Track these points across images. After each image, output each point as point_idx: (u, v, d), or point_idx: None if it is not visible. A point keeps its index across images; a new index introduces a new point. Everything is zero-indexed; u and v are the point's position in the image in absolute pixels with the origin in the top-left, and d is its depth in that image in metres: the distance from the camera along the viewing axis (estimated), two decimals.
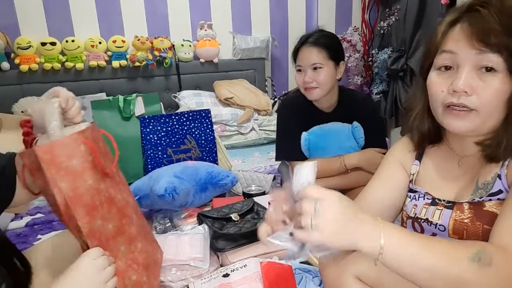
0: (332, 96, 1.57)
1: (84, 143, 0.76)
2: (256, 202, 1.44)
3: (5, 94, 2.48)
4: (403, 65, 2.91)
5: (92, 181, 0.76)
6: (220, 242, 1.24)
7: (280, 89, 3.39)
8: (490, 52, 0.67)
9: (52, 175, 0.71)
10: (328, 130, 1.59)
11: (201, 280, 1.12)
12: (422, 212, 0.82)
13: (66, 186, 0.72)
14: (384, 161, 0.95)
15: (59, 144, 0.73)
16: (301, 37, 1.56)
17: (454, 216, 0.76)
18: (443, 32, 0.74)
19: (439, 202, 0.81)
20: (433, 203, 0.82)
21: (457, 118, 0.72)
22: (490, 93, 0.68)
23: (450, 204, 0.79)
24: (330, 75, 1.49)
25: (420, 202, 0.84)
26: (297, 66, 1.54)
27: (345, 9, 3.43)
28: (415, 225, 0.84)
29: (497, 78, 0.67)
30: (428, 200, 0.83)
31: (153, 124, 1.84)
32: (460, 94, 0.70)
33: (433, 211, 0.80)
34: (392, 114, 3.13)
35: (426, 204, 0.83)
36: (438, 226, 0.78)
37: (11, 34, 2.52)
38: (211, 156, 1.93)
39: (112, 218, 0.80)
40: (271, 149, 2.65)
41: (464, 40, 0.69)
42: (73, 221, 0.73)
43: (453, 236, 0.75)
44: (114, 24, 2.83)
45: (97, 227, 0.76)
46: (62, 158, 0.72)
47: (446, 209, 0.79)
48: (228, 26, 3.14)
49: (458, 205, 0.77)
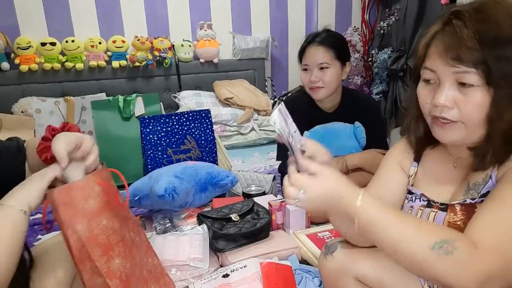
0: (336, 96, 1.57)
1: (99, 184, 0.77)
2: (256, 202, 1.44)
3: (5, 94, 2.48)
4: (403, 65, 2.91)
5: (106, 221, 0.77)
6: (220, 242, 1.24)
7: (280, 89, 3.39)
8: (466, 67, 0.67)
9: (68, 217, 0.72)
10: (330, 129, 1.59)
11: (201, 281, 1.12)
12: (418, 214, 0.83)
13: (82, 228, 0.73)
14: (383, 163, 0.95)
15: (75, 187, 0.74)
16: (308, 36, 1.55)
17: (448, 218, 0.77)
18: (426, 44, 0.75)
19: (434, 205, 0.81)
20: (428, 205, 0.82)
21: (443, 129, 0.73)
22: (471, 106, 0.69)
23: (444, 206, 0.79)
24: (336, 75, 1.49)
25: (416, 204, 0.85)
26: (303, 65, 1.53)
27: (345, 9, 3.43)
28: None
29: (477, 91, 0.68)
30: (423, 202, 0.83)
31: (153, 124, 1.84)
32: (441, 108, 0.71)
33: (428, 214, 0.81)
34: (392, 114, 3.13)
35: (421, 206, 0.83)
36: None
37: (11, 34, 2.52)
38: (211, 156, 1.93)
39: (130, 257, 0.81)
40: (271, 149, 2.65)
41: (440, 58, 0.70)
42: (88, 262, 0.73)
43: None
44: (114, 24, 2.83)
45: (116, 266, 0.77)
46: (78, 201, 0.73)
47: (440, 211, 0.79)
48: (228, 26, 3.15)
49: (451, 207, 0.77)
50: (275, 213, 1.38)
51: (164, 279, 0.95)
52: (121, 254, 0.79)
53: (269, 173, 1.95)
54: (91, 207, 0.75)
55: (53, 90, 2.58)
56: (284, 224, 1.40)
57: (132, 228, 0.89)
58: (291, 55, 3.39)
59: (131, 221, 0.89)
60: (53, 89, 2.58)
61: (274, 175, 1.85)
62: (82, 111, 2.17)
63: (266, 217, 1.33)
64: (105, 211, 0.78)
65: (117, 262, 0.77)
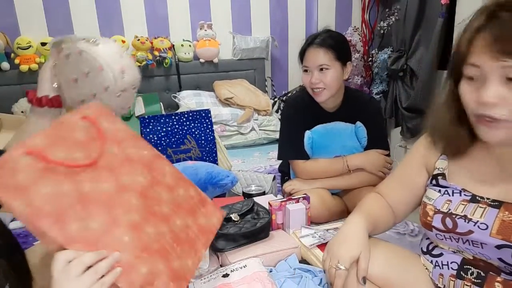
0: (338, 96, 1.57)
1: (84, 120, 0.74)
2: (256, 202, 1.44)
3: (5, 94, 2.48)
4: (403, 65, 2.91)
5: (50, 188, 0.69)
6: (220, 242, 1.24)
7: (280, 89, 3.39)
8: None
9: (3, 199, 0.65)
10: (331, 129, 1.59)
11: (201, 280, 1.12)
12: (459, 208, 0.80)
13: (18, 204, 0.65)
14: (406, 162, 0.97)
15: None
16: (308, 37, 1.54)
17: (502, 216, 0.73)
18: (469, 40, 0.71)
19: (481, 200, 0.78)
20: (473, 200, 0.79)
21: (489, 128, 0.71)
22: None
23: (496, 203, 0.76)
24: (337, 76, 1.49)
25: (456, 198, 0.82)
26: (304, 67, 1.53)
27: (345, 9, 3.43)
28: (446, 220, 0.81)
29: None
30: (466, 197, 0.80)
31: (153, 124, 1.84)
32: (488, 106, 0.68)
33: (474, 209, 0.78)
34: (392, 114, 3.13)
35: (464, 200, 0.80)
36: (479, 224, 0.76)
37: (11, 34, 2.52)
38: (211, 156, 1.93)
39: (98, 214, 0.72)
40: (271, 149, 2.65)
41: (486, 53, 0.68)
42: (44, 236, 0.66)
43: (496, 236, 0.73)
44: (114, 24, 2.83)
45: (74, 231, 0.68)
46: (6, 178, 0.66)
47: (490, 207, 0.76)
48: (228, 26, 3.15)
49: (507, 205, 0.74)
50: (275, 213, 1.38)
51: (206, 208, 0.87)
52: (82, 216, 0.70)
53: (269, 173, 1.95)
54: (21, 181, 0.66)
55: None
56: (284, 224, 1.40)
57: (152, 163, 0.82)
58: (291, 55, 3.39)
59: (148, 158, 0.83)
60: None
61: (274, 175, 1.85)
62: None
63: (266, 217, 1.33)
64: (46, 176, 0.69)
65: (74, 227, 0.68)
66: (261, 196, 1.59)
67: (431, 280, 0.86)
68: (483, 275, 0.76)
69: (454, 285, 0.80)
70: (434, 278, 0.84)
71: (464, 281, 0.78)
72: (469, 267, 0.78)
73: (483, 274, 0.76)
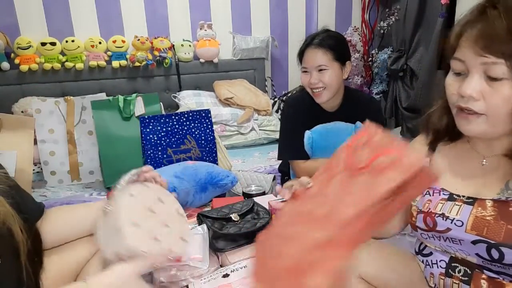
0: (338, 96, 1.57)
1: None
2: (256, 202, 1.44)
3: (5, 94, 2.48)
4: (403, 65, 2.91)
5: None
6: (220, 242, 1.24)
7: (280, 89, 3.39)
8: (495, 58, 0.66)
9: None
10: (331, 129, 1.59)
11: (201, 281, 1.12)
12: (438, 207, 0.81)
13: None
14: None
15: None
16: (307, 38, 1.54)
17: (475, 212, 0.75)
18: (457, 34, 0.73)
19: (457, 198, 0.80)
20: (450, 198, 0.81)
21: (467, 121, 0.73)
22: (498, 99, 0.68)
23: (470, 200, 0.77)
24: (336, 76, 1.49)
25: (436, 197, 0.83)
26: (303, 67, 1.53)
27: (345, 9, 3.43)
28: (427, 219, 0.82)
29: (506, 84, 0.67)
30: (444, 195, 0.82)
31: (153, 124, 1.84)
32: (467, 98, 0.70)
33: (451, 206, 0.79)
34: (392, 114, 3.13)
35: (442, 199, 0.82)
36: (455, 221, 0.77)
37: (11, 34, 2.52)
38: (211, 156, 1.93)
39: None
40: (271, 149, 2.65)
41: (470, 47, 0.69)
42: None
43: (471, 232, 0.74)
44: (114, 24, 2.83)
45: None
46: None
47: (465, 204, 0.77)
48: (228, 26, 3.15)
49: (480, 201, 0.76)
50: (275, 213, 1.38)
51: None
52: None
53: (269, 173, 1.95)
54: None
55: (53, 90, 2.58)
56: None
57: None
58: (291, 55, 3.39)
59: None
60: (53, 89, 2.58)
61: (274, 175, 1.85)
62: (82, 111, 2.17)
63: (266, 217, 1.33)
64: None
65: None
66: (261, 196, 1.59)
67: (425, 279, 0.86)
68: (470, 272, 0.77)
69: (444, 284, 0.81)
70: (426, 277, 0.84)
71: (452, 279, 0.79)
72: (456, 265, 0.79)
73: (469, 271, 0.77)
